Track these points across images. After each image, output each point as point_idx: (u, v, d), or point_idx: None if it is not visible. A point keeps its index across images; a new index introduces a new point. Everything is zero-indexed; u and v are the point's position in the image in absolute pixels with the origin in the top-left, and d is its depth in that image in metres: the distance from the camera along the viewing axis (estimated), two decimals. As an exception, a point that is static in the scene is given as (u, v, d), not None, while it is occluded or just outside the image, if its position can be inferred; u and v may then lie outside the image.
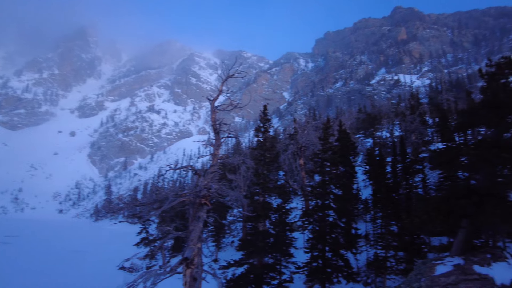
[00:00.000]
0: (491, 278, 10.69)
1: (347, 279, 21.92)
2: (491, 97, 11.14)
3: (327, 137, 24.73)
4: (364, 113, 61.68)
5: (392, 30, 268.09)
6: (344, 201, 24.34)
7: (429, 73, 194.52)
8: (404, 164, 24.93)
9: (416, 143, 38.54)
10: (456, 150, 11.27)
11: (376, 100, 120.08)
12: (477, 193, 10.94)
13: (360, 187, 35.93)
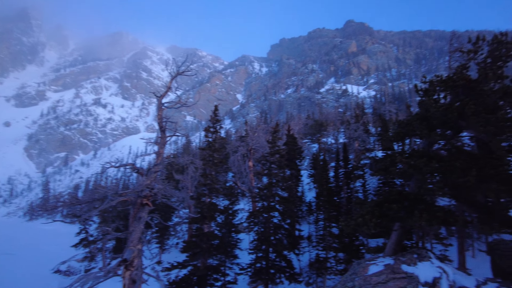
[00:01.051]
0: (416, 276, 11.44)
1: (289, 280, 22.47)
2: (424, 111, 12.17)
3: (275, 140, 25.24)
4: (312, 119, 63.91)
5: (343, 42, 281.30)
6: (289, 203, 24.96)
7: (375, 85, 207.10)
8: (346, 169, 26.29)
9: (358, 150, 40.76)
10: (391, 158, 12.11)
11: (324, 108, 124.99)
12: (408, 198, 11.85)
13: (305, 190, 37.18)
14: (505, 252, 14.11)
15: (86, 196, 17.77)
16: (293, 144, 34.50)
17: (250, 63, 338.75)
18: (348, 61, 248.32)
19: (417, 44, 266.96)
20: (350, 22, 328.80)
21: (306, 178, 37.74)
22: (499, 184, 10.92)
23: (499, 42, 14.82)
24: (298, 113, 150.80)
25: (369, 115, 61.86)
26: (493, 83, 12.93)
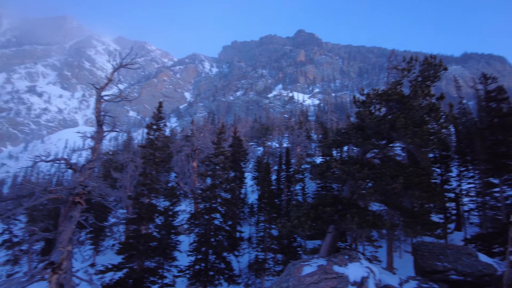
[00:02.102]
0: (346, 276, 12.02)
1: (228, 282, 22.46)
2: (360, 121, 12.99)
3: (221, 142, 25.20)
4: (259, 123, 65.09)
5: (293, 50, 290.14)
6: (231, 205, 25.02)
7: (319, 94, 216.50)
8: (288, 173, 27.07)
9: (300, 155, 42.21)
10: (328, 164, 12.74)
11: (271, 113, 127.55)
12: (342, 202, 12.51)
13: (248, 192, 37.55)
14: (425, 253, 15.51)
15: (12, 192, 16.16)
16: (238, 146, 34.69)
17: (200, 62, 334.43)
18: (296, 69, 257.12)
19: (361, 58, 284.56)
20: (300, 32, 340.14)
21: (250, 180, 38.14)
22: (422, 191, 11.99)
23: (429, 63, 16.39)
24: (246, 116, 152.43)
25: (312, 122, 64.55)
26: (421, 99, 14.22)
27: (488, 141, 23.11)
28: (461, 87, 55.41)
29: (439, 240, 17.40)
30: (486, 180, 25.55)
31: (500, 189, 23.22)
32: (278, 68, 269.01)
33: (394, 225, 12.49)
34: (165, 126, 25.78)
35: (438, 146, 26.69)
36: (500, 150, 22.30)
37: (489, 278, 14.03)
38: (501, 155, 22.20)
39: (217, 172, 24.22)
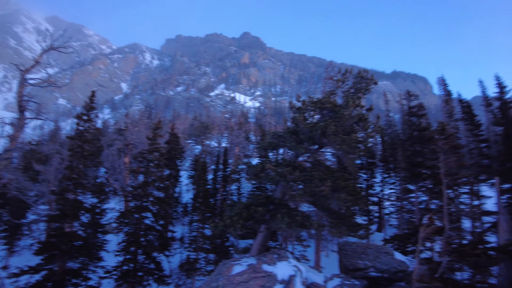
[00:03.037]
0: (275, 275, 12.37)
1: (158, 282, 21.76)
2: (295, 126, 13.55)
3: (157, 137, 24.36)
4: (199, 121, 64.20)
5: (238, 52, 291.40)
6: (164, 204, 24.29)
7: (260, 97, 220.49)
8: (225, 172, 27.12)
9: (238, 155, 42.53)
10: (263, 165, 13.06)
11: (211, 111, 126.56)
12: (273, 203, 12.89)
13: (182, 191, 36.76)
14: (349, 252, 16.66)
15: None
16: (175, 144, 33.77)
17: (141, 53, 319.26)
18: (240, 70, 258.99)
19: (301, 66, 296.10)
20: (246, 34, 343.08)
21: (185, 179, 37.39)
22: (347, 194, 12.83)
23: (362, 77, 17.63)
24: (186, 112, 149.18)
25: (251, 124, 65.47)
26: (352, 109, 15.22)
27: (408, 151, 25.52)
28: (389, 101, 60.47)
29: (362, 240, 18.76)
30: (404, 186, 28.28)
31: (415, 195, 25.75)
32: (221, 68, 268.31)
33: (321, 225, 13.16)
34: (97, 117, 24.18)
35: (365, 153, 28.87)
36: (417, 160, 24.77)
37: (402, 274, 15.52)
38: (417, 165, 24.70)
39: (151, 169, 23.35)
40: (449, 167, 16.82)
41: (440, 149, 16.49)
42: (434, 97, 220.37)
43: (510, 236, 17.95)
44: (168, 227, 27.81)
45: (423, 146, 24.22)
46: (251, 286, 11.86)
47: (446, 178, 16.83)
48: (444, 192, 17.14)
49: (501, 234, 18.57)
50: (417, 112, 26.50)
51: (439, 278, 13.66)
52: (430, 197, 25.32)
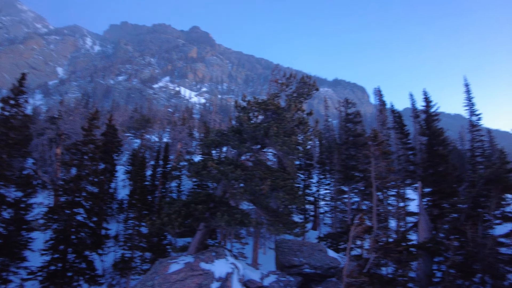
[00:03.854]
0: (212, 272, 12.41)
1: (89, 283, 20.55)
2: (239, 125, 13.71)
3: (92, 128, 22.95)
4: (140, 113, 61.53)
5: (186, 45, 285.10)
6: (98, 200, 23.01)
7: (206, 94, 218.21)
8: (165, 169, 26.40)
9: (180, 151, 41.67)
10: (204, 162, 13.01)
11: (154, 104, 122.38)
12: (214, 201, 12.92)
13: (119, 186, 35.00)
14: (285, 249, 17.25)
15: None
16: (113, 136, 32.00)
17: (82, 36, 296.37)
18: (187, 64, 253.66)
19: (249, 67, 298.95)
20: (195, 28, 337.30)
21: (122, 174, 35.67)
22: (285, 193, 13.29)
23: (305, 82, 18.39)
24: (126, 104, 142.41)
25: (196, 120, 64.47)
26: (294, 113, 15.81)
27: (343, 155, 27.15)
28: (329, 107, 63.94)
29: (298, 238, 19.54)
30: (338, 187, 30.06)
31: (348, 196, 27.46)
32: (167, 60, 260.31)
33: (259, 223, 13.47)
34: (27, 102, 22.04)
35: (304, 155, 30.27)
36: (351, 163, 26.45)
37: (334, 270, 16.47)
38: (351, 168, 26.39)
39: (85, 162, 21.94)
40: (379, 171, 18.17)
41: (371, 154, 17.75)
42: (370, 106, 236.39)
43: (428, 235, 20.00)
44: (102, 224, 26.32)
45: (357, 151, 25.91)
46: (188, 284, 11.78)
47: (376, 181, 18.17)
48: (374, 194, 18.51)
49: (421, 233, 20.62)
50: (353, 119, 28.26)
51: (366, 273, 14.72)
52: (362, 198, 27.19)
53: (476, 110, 36.35)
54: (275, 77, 21.67)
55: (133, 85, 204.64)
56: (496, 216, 21.66)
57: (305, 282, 15.59)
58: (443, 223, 22.96)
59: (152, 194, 26.52)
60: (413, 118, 37.14)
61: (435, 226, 24.19)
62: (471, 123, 36.61)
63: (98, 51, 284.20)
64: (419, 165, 30.66)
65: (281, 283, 14.00)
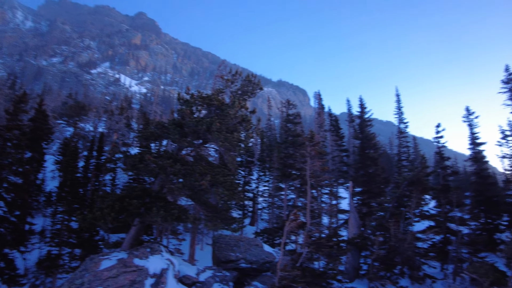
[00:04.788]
0: (146, 269, 12.13)
1: (8, 283, 18.76)
2: (180, 118, 13.48)
3: (19, 112, 20.95)
4: (74, 99, 57.19)
5: (129, 31, 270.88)
6: (22, 192, 21.08)
7: (148, 83, 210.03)
8: (99, 160, 24.98)
9: (116, 143, 39.64)
10: (142, 156, 12.61)
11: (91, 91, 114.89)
12: (150, 195, 12.58)
13: (47, 177, 32.27)
14: (222, 245, 17.42)
15: None
16: (42, 122, 29.29)
17: (11, 8, 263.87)
18: (129, 51, 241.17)
19: (195, 59, 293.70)
20: (141, 15, 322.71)
21: (51, 164, 32.96)
22: (225, 189, 13.40)
23: (249, 80, 18.69)
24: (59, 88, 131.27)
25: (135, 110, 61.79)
26: (237, 110, 15.97)
27: (282, 153, 28.08)
28: (272, 107, 65.50)
29: (235, 233, 19.82)
30: (276, 184, 31.08)
31: (285, 193, 28.50)
32: (109, 45, 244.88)
33: (197, 219, 13.42)
34: None
35: (245, 152, 30.77)
36: (289, 162, 27.47)
37: (269, 265, 17.03)
38: (289, 166, 27.43)
39: (8, 149, 19.96)
40: (314, 170, 19.14)
41: (308, 154, 18.66)
42: (311, 109, 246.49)
43: (357, 231, 21.55)
44: (26, 218, 24.09)
45: (295, 150, 26.97)
46: (120, 281, 11.41)
47: (311, 179, 19.12)
48: (308, 191, 19.46)
49: (350, 229, 22.15)
50: (293, 120, 29.40)
51: (299, 267, 15.46)
52: (298, 195, 28.41)
53: (404, 119, 40.04)
54: (221, 72, 21.68)
55: (68, 69, 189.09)
56: (415, 214, 24.16)
57: (241, 277, 15.93)
58: (371, 220, 24.95)
59: (84, 187, 24.90)
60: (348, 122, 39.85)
61: (364, 223, 26.21)
62: (399, 130, 40.16)
63: (30, 28, 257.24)
64: (352, 166, 32.94)
65: (217, 278, 14.15)
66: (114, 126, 41.70)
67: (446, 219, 24.82)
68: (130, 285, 11.28)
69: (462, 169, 63.63)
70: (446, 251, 23.00)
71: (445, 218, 24.84)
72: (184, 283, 13.36)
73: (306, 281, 14.35)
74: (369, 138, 31.10)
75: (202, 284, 13.68)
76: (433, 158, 31.18)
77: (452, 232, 24.06)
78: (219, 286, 13.71)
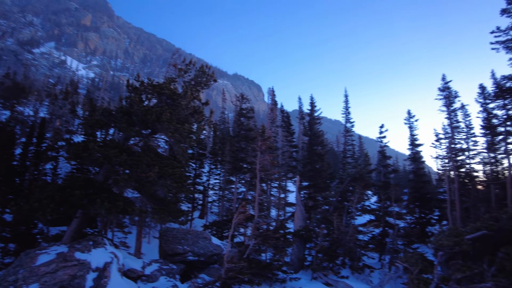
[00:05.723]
0: (88, 262, 11.63)
1: None
2: (129, 106, 12.99)
3: None
4: (13, 80, 52.48)
5: (79, 10, 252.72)
6: None
7: (97, 68, 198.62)
8: (39, 148, 23.31)
9: (59, 129, 37.23)
10: (86, 144, 11.98)
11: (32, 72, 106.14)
12: (94, 186, 12.03)
13: (-24, 165, 29.49)
14: (169, 238, 17.21)
15: None
16: (-28, 105, 26.72)
17: None
18: (78, 32, 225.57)
19: (148, 46, 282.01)
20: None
21: (-18, 150, 30.19)
22: (173, 181, 13.22)
23: (203, 71, 18.50)
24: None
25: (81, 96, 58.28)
26: (190, 100, 15.77)
27: (234, 147, 28.29)
28: (226, 100, 65.42)
29: (183, 226, 19.65)
30: (227, 177, 31.27)
31: (235, 186, 28.79)
32: (54, 23, 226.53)
33: (143, 211, 13.12)
34: None
35: (197, 144, 30.50)
36: (240, 155, 27.76)
37: (216, 257, 17.17)
38: (240, 159, 27.72)
39: None
40: (264, 164, 19.53)
41: (258, 148, 18.98)
42: (264, 104, 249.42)
43: (303, 223, 22.36)
44: None
45: (247, 144, 27.33)
46: (59, 276, 10.84)
47: (261, 173, 19.49)
48: (258, 184, 19.83)
49: (296, 222, 22.93)
50: (246, 114, 29.70)
51: (246, 258, 15.77)
52: (248, 188, 28.85)
53: (351, 118, 42.46)
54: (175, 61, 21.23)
55: (6, 46, 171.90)
56: (357, 208, 25.73)
57: (188, 270, 15.90)
58: (316, 213, 26.08)
59: (21, 176, 23.06)
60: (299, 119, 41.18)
61: (309, 216, 27.33)
62: (346, 129, 42.38)
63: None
64: (300, 162, 34.12)
65: (164, 271, 14.01)
66: (57, 111, 38.94)
67: (385, 213, 26.79)
68: (70, 280, 10.75)
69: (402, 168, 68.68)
70: (384, 243, 24.81)
71: (384, 213, 26.80)
72: (129, 276, 13.07)
73: (252, 272, 14.69)
74: (317, 136, 32.42)
75: (148, 277, 13.48)
76: (376, 157, 33.25)
77: (390, 225, 26.04)
78: (166, 279, 13.60)
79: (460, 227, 16.32)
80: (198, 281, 14.13)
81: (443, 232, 14.55)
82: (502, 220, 12.36)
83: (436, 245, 13.69)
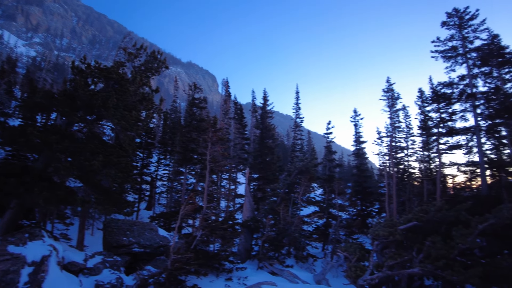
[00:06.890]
0: (23, 256, 10.91)
1: None
2: (72, 90, 12.25)
3: None
4: None
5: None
6: None
7: (39, 46, 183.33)
8: (-33, 131, 21.15)
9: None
10: (23, 128, 11.13)
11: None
12: (31, 174, 11.26)
13: None
14: (114, 229, 16.63)
15: None
16: None
17: None
18: (17, 4, 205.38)
19: (98, 27, 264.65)
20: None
21: None
22: (118, 171, 12.78)
23: (155, 57, 18.01)
24: None
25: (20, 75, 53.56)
26: (139, 87, 15.27)
27: (185, 137, 27.93)
28: (179, 88, 63.87)
29: (128, 217, 19.10)
30: (177, 168, 30.84)
31: (184, 177, 28.49)
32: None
33: (85, 201, 12.53)
34: None
35: (145, 133, 29.63)
36: (191, 146, 27.50)
37: (163, 249, 16.95)
38: (190, 150, 27.49)
39: None
40: (214, 155, 19.57)
41: (209, 139, 18.96)
42: (218, 95, 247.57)
43: (251, 214, 22.81)
44: None
45: (199, 135, 27.13)
46: (-11, 272, 10.04)
47: (211, 164, 19.52)
48: (207, 176, 19.85)
49: (245, 213, 23.34)
50: (199, 104, 29.38)
51: (193, 249, 15.79)
52: (198, 180, 28.69)
53: (301, 114, 43.99)
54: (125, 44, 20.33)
55: None
56: (303, 200, 26.84)
57: (134, 262, 15.54)
58: (264, 204, 26.74)
59: None
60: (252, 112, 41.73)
61: (258, 207, 27.96)
62: (296, 123, 43.83)
63: None
64: (251, 154, 34.68)
65: (107, 264, 13.60)
66: (-9, 92, 35.55)
67: (329, 205, 28.23)
68: (2, 276, 10.03)
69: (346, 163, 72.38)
70: (327, 233, 26.17)
71: (328, 205, 28.23)
72: (70, 270, 12.50)
73: (199, 263, 14.76)
74: (269, 129, 33.16)
75: (91, 270, 13.00)
76: (323, 151, 34.80)
77: (333, 216, 27.51)
78: (110, 272, 13.22)
79: (395, 219, 17.71)
80: (143, 273, 13.89)
81: (380, 223, 15.72)
82: (431, 212, 13.64)
83: (373, 235, 14.77)
